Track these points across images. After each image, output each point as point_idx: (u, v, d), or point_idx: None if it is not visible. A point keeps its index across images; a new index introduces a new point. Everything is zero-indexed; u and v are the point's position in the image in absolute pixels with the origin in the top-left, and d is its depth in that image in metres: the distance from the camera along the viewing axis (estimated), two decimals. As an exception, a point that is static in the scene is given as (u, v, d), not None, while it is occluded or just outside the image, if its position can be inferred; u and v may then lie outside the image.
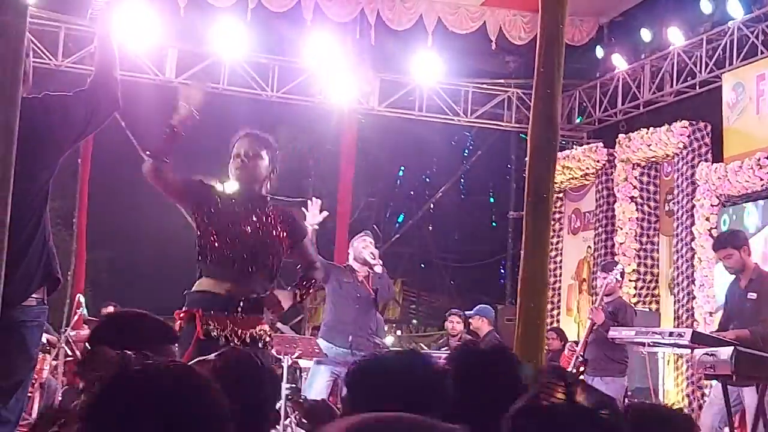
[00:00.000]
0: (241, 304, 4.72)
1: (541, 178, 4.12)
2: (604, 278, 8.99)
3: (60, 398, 10.74)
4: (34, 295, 3.69)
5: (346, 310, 8.46)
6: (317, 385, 8.28)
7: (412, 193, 24.57)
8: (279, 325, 12.70)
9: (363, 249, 8.56)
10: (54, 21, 13.43)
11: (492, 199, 24.24)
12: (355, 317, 8.37)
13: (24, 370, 3.71)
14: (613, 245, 13.24)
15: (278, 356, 8.82)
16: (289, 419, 9.43)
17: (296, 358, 9.00)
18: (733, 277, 7.43)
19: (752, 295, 7.18)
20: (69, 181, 14.33)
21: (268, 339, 4.85)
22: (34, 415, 11.02)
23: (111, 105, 3.99)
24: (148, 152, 4.81)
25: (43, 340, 11.78)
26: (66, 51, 13.59)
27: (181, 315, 4.79)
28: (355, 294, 8.50)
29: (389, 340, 19.13)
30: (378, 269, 8.51)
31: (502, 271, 19.95)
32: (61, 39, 13.54)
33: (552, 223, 6.79)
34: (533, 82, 4.65)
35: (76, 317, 11.58)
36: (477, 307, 11.17)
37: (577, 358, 8.63)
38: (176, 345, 3.13)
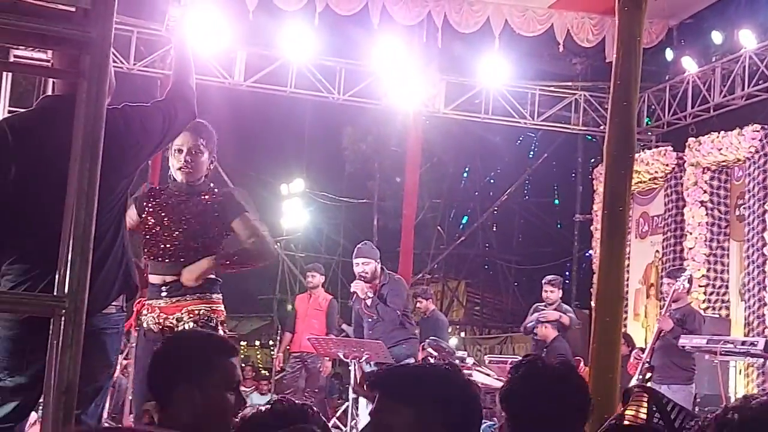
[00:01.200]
0: (163, 288, 4.88)
1: (618, 191, 4.09)
2: (671, 284, 8.89)
3: (130, 398, 10.88)
4: (113, 303, 3.76)
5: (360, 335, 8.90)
6: None
7: (476, 194, 24.52)
8: (344, 327, 12.77)
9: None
10: (126, 25, 13.60)
11: (557, 201, 24.10)
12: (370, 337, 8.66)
13: (103, 376, 3.77)
14: (682, 250, 13.08)
15: (346, 360, 8.88)
16: (355, 420, 9.47)
17: (363, 361, 9.02)
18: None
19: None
20: (137, 180, 14.52)
21: (218, 318, 4.92)
22: (105, 414, 11.19)
23: (188, 116, 4.05)
24: None
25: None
26: (138, 54, 13.77)
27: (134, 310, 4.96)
28: (359, 321, 8.92)
29: (453, 341, 19.12)
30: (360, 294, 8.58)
31: (567, 274, 19.81)
32: (133, 43, 13.72)
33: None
34: (604, 84, 4.62)
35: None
36: (541, 314, 11.10)
37: (644, 364, 8.54)
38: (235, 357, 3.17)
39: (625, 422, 2.31)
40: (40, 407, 4.59)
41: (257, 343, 27.85)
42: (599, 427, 2.68)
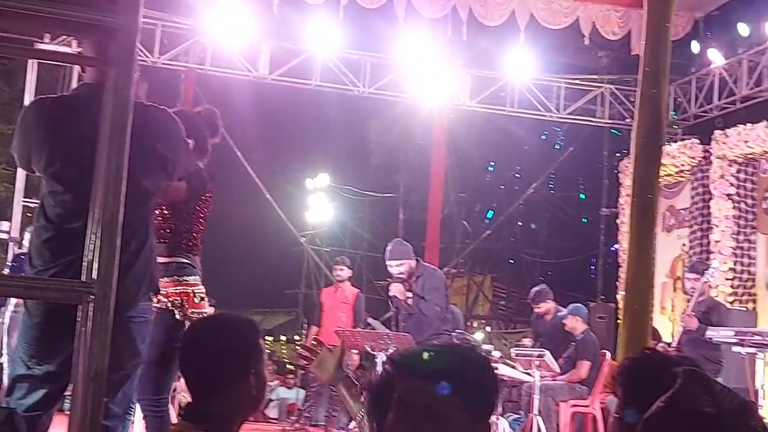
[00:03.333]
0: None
1: (647, 179, 4.07)
2: (696, 279, 8.85)
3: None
4: None
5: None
6: None
7: (502, 188, 24.47)
8: (370, 320, 12.78)
9: None
10: (150, 18, 13.65)
11: (582, 195, 24.01)
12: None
13: (131, 364, 3.79)
14: (708, 243, 13.01)
15: (372, 352, 8.87)
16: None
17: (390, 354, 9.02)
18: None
19: None
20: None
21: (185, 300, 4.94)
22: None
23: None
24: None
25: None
26: (162, 48, 13.83)
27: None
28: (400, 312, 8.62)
29: (478, 335, 19.10)
30: (400, 296, 8.48)
31: (593, 267, 19.74)
32: (158, 36, 13.77)
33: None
34: (630, 77, 4.60)
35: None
36: (570, 306, 11.08)
37: (672, 359, 8.49)
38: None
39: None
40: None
41: (283, 338, 27.91)
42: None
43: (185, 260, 4.97)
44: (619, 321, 9.49)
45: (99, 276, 2.46)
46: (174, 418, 5.61)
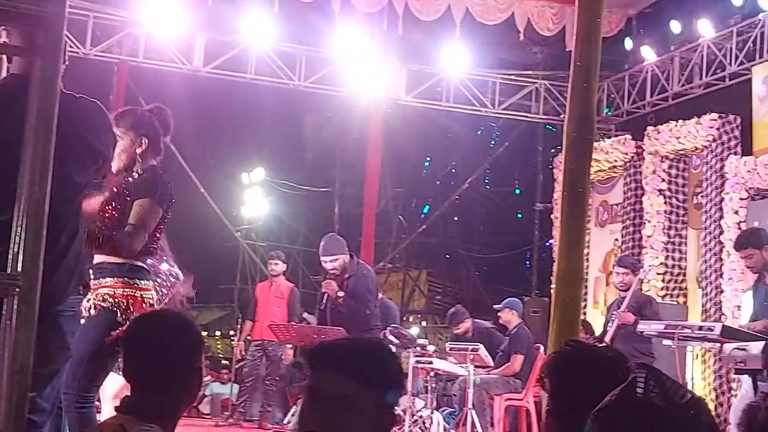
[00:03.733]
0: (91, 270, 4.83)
1: (578, 172, 4.11)
2: (625, 273, 8.98)
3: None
4: None
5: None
6: None
7: (438, 183, 24.54)
8: (306, 315, 12.76)
9: None
10: (82, 9, 13.47)
11: (518, 191, 24.17)
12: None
13: (60, 358, 3.74)
14: (640, 238, 13.18)
15: (307, 347, 8.85)
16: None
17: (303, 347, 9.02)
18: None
19: (779, 291, 7.16)
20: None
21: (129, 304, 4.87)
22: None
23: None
24: None
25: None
26: (94, 39, 13.65)
27: None
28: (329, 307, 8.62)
29: (414, 330, 19.15)
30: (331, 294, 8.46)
31: (528, 263, 19.91)
32: (90, 27, 13.59)
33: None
34: (564, 73, 4.64)
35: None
36: (506, 300, 11.18)
37: (605, 353, 8.59)
38: None
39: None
40: None
41: (218, 333, 27.75)
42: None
43: (140, 263, 4.92)
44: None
45: (24, 268, 2.42)
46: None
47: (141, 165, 4.97)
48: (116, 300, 4.79)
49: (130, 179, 4.94)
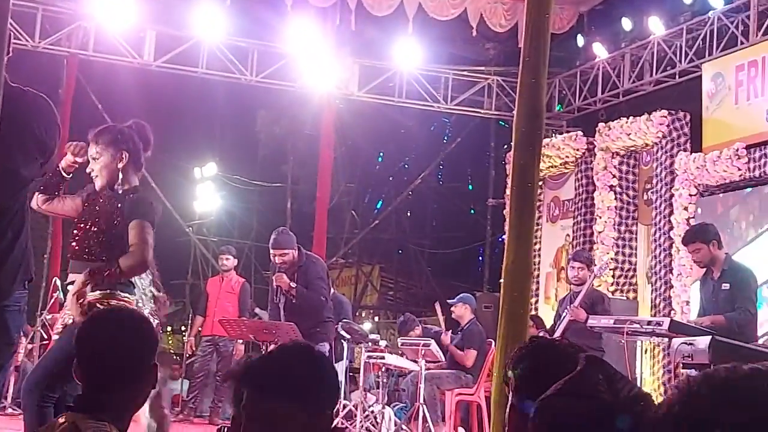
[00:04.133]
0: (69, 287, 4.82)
1: (526, 167, 4.12)
2: (580, 268, 9.03)
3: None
4: None
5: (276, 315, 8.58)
6: None
7: (390, 179, 24.54)
8: (257, 310, 12.70)
9: None
10: (31, 1, 13.30)
11: (470, 187, 24.25)
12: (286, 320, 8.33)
13: (5, 354, 3.69)
14: (591, 234, 13.26)
15: (257, 342, 8.81)
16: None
17: (275, 344, 8.96)
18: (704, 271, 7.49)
19: (725, 286, 7.25)
20: (45, 163, 14.16)
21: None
22: (9, 399, 10.98)
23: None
24: (41, 188, 4.88)
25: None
26: (43, 32, 13.48)
27: None
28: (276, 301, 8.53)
29: (366, 325, 19.15)
30: (283, 287, 8.41)
31: (481, 258, 19.97)
32: (39, 20, 13.42)
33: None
34: (516, 70, 4.64)
35: (52, 301, 11.52)
36: (459, 295, 11.19)
37: (554, 348, 8.64)
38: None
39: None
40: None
41: (169, 328, 27.57)
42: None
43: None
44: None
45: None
46: None
47: (123, 180, 4.94)
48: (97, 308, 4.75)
49: (116, 197, 4.89)
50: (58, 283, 11.70)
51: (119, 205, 4.85)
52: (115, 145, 4.92)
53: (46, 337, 11.70)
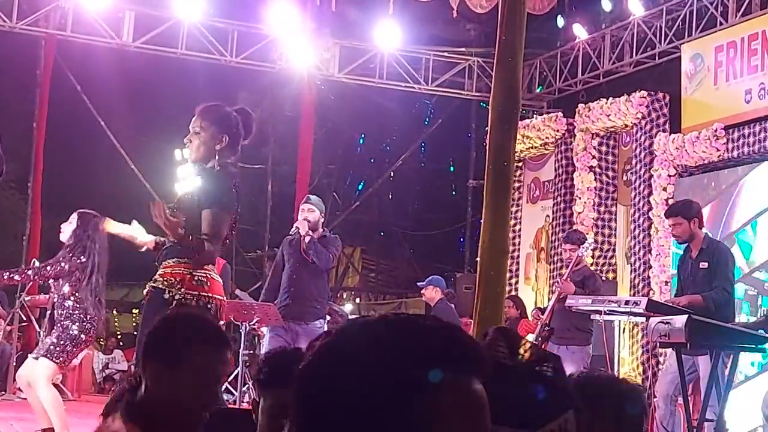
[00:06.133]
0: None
1: (503, 146, 4.12)
2: (573, 249, 9.04)
3: (14, 363, 10.64)
4: None
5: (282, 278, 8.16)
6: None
7: (372, 160, 24.48)
8: (237, 291, 12.68)
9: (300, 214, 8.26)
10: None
11: (452, 168, 24.23)
12: (287, 284, 7.98)
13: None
14: (571, 214, 13.29)
15: (236, 322, 8.81)
16: (247, 385, 9.43)
17: (254, 324, 8.97)
18: (684, 248, 7.53)
19: (704, 264, 7.28)
20: (22, 144, 14.09)
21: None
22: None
23: None
24: None
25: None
26: (20, 13, 13.38)
27: None
28: (288, 260, 8.10)
29: (348, 307, 19.18)
30: (301, 229, 8.10)
31: (461, 239, 19.99)
32: (15, 1, 13.32)
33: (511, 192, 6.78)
34: (495, 50, 4.63)
35: (30, 283, 11.46)
36: (429, 278, 11.23)
37: (543, 327, 8.70)
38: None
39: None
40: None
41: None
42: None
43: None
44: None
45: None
46: None
47: (217, 162, 5.04)
48: (165, 279, 4.88)
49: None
50: (37, 264, 11.64)
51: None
52: (219, 126, 5.06)
53: (24, 318, 11.66)
